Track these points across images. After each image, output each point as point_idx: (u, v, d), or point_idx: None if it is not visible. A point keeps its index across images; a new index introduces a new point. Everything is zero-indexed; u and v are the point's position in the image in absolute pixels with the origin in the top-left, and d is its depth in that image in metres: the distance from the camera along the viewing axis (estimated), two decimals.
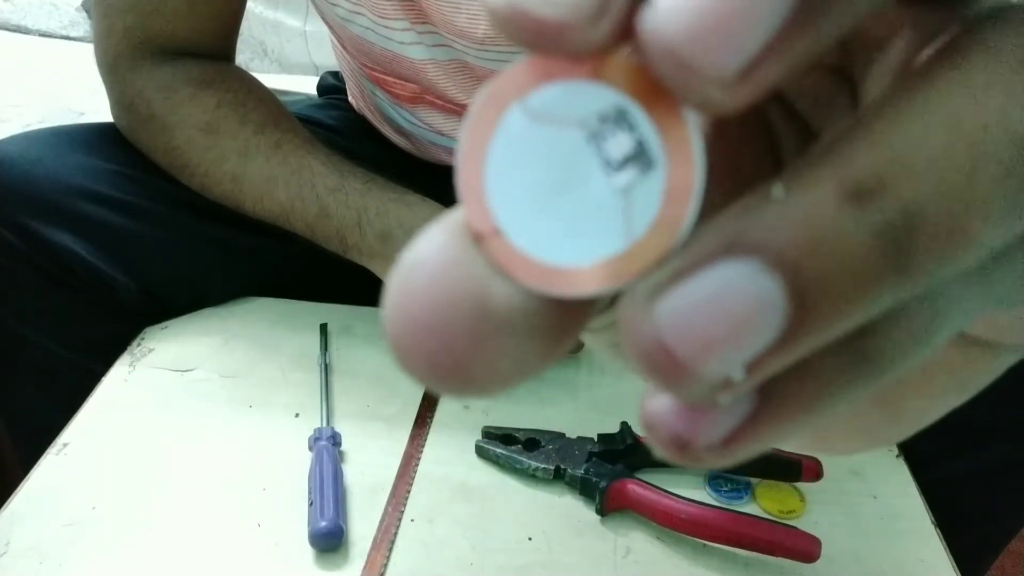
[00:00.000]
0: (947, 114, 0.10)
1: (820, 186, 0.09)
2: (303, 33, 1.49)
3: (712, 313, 0.09)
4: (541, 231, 0.10)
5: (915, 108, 0.10)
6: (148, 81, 0.60)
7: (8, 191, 0.56)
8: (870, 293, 0.09)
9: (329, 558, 0.44)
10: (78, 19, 1.53)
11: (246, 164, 0.58)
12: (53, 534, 0.45)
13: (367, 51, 0.66)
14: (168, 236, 0.61)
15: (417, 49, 0.63)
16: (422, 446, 0.53)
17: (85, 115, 1.20)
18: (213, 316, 0.63)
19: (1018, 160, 0.10)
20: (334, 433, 0.51)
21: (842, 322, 0.09)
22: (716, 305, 0.09)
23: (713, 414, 0.10)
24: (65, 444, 0.51)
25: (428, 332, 0.10)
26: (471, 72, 0.63)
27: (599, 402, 0.57)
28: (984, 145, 0.09)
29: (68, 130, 0.63)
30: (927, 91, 0.10)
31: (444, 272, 0.10)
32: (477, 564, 0.45)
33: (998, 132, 0.09)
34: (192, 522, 0.46)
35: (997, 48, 0.10)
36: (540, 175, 0.10)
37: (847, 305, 0.09)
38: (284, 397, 0.56)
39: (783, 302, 0.09)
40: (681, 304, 0.09)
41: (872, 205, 0.09)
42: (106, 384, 0.57)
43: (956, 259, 0.10)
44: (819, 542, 0.43)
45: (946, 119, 0.09)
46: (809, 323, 0.09)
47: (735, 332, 0.09)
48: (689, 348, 0.09)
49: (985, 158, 0.09)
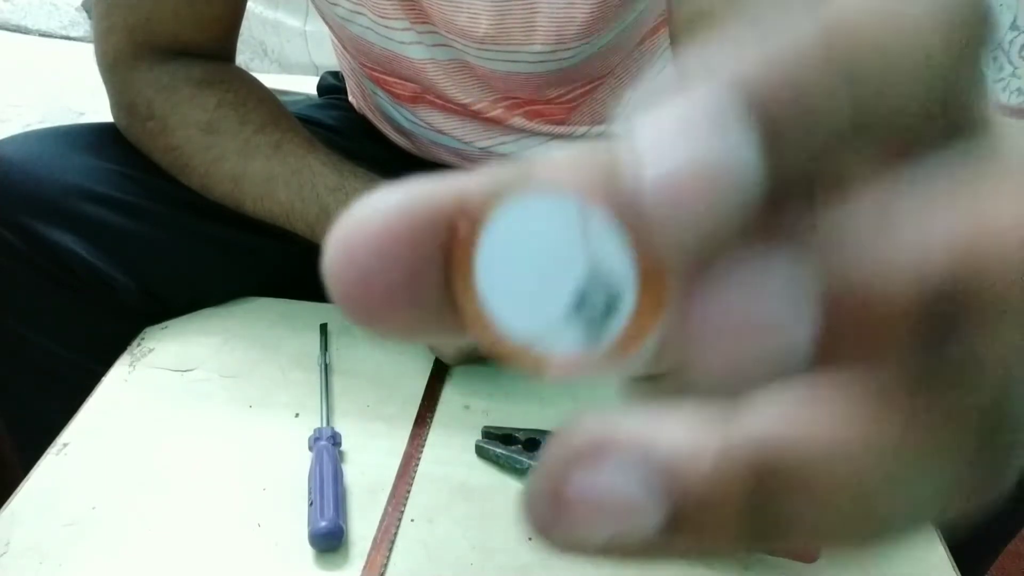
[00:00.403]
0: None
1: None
2: (303, 33, 1.49)
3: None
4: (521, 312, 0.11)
5: None
6: (148, 81, 0.60)
7: (8, 191, 0.56)
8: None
9: (329, 558, 0.44)
10: (78, 19, 1.53)
11: (246, 164, 0.58)
12: (53, 534, 0.45)
13: (367, 51, 0.66)
14: (168, 236, 0.61)
15: (417, 49, 0.63)
16: (422, 446, 0.53)
17: (85, 115, 1.20)
18: (213, 316, 0.63)
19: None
20: (334, 433, 0.51)
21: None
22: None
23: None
24: (65, 444, 0.51)
25: (356, 270, 0.11)
26: (471, 71, 0.63)
27: (599, 402, 0.57)
28: None
29: (68, 130, 0.63)
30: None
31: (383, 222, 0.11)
32: (477, 564, 0.45)
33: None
34: (192, 522, 0.46)
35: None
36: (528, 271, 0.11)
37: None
38: (284, 397, 0.56)
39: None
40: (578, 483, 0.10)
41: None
42: (106, 384, 0.57)
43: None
44: None
45: None
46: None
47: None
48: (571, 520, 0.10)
49: None
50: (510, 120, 0.68)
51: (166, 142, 0.60)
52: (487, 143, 0.70)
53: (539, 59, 0.60)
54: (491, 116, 0.68)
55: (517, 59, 0.61)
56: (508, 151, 0.71)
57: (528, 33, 0.59)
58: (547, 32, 0.58)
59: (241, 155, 0.58)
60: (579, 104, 0.68)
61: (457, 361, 0.57)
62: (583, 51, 0.60)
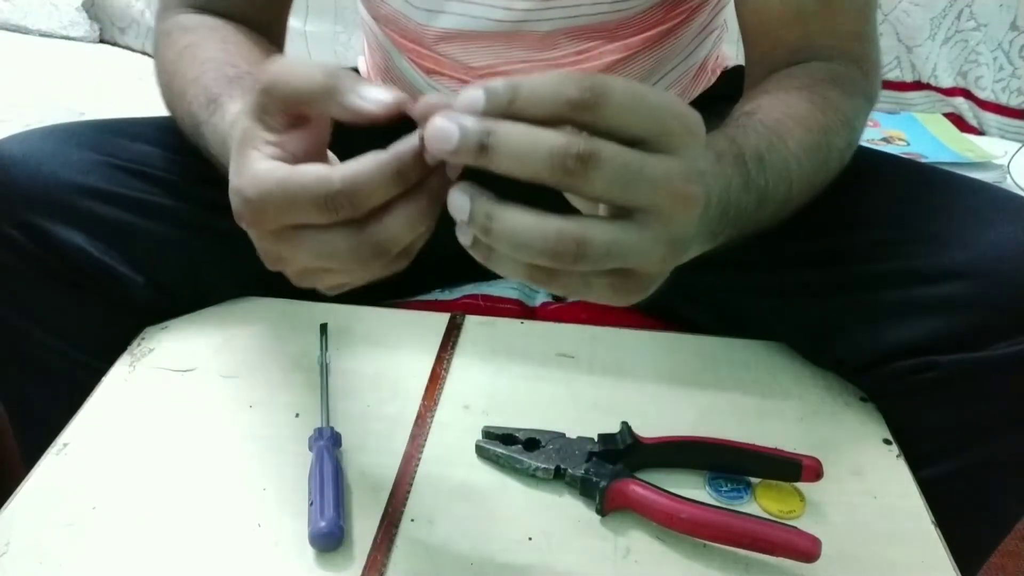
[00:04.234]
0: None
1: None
2: (303, 33, 1.49)
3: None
4: None
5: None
6: (172, 22, 0.62)
7: (13, 188, 0.56)
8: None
9: (329, 558, 0.44)
10: (78, 19, 1.53)
11: (178, 63, 0.58)
12: (53, 534, 0.45)
13: (399, 23, 0.68)
14: (174, 231, 0.61)
15: (446, 18, 0.64)
16: (422, 446, 0.53)
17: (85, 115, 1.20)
18: (213, 316, 0.63)
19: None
20: (334, 433, 0.51)
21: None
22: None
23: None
24: (65, 444, 0.51)
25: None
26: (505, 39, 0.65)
27: (599, 402, 0.57)
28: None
29: (72, 127, 0.63)
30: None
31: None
32: (477, 564, 0.45)
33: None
34: (192, 522, 0.46)
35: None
36: None
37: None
38: (284, 397, 0.56)
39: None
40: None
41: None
42: (106, 384, 0.57)
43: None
44: (819, 542, 0.43)
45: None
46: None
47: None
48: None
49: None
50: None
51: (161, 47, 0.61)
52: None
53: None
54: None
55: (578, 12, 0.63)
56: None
57: None
58: None
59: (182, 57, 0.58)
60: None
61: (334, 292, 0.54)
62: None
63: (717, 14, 0.74)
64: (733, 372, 0.60)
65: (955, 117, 1.37)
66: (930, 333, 0.52)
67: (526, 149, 0.30)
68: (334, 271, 0.37)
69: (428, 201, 0.34)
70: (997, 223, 0.53)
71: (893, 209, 0.57)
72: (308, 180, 0.34)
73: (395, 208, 0.34)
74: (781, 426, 0.55)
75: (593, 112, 0.30)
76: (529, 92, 0.30)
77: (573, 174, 0.30)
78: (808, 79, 0.55)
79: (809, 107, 0.52)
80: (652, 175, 0.31)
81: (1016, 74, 1.32)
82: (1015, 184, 1.17)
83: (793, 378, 0.60)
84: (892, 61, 1.39)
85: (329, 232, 0.35)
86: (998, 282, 0.51)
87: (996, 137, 1.35)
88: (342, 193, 0.33)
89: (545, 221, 0.31)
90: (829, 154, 0.53)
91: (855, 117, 0.55)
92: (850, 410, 0.57)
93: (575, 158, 0.30)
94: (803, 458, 0.49)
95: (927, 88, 1.39)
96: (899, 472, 0.52)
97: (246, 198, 0.35)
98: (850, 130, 0.55)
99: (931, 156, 1.20)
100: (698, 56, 0.74)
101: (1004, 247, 0.52)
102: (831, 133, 0.52)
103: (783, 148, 0.49)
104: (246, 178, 0.36)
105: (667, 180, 0.32)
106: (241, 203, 0.36)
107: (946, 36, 1.34)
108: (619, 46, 0.66)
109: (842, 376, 0.59)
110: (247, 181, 0.35)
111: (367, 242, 0.34)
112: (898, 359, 0.54)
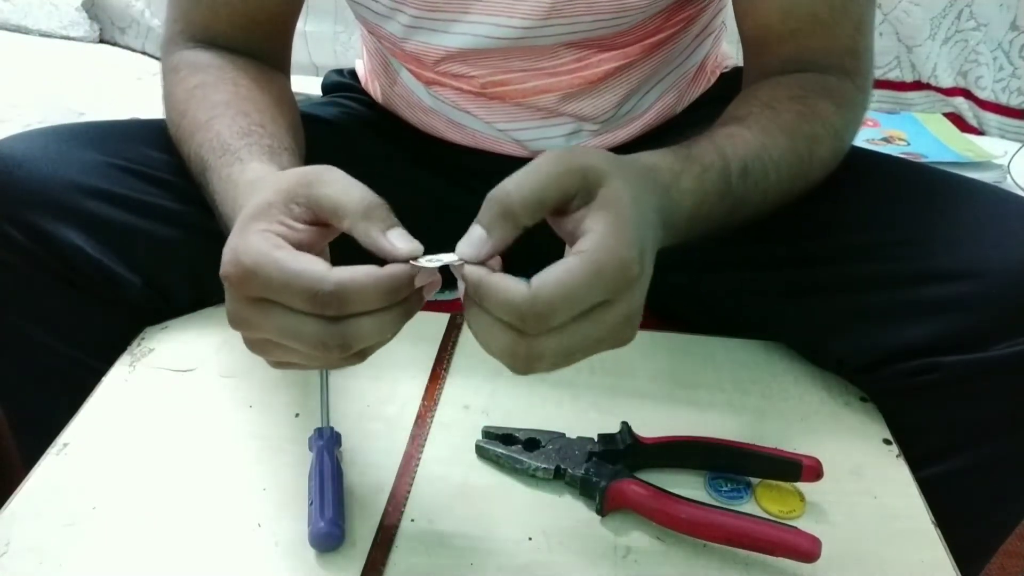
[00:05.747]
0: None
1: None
2: (303, 33, 1.49)
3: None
4: None
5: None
6: (179, 58, 0.62)
7: (13, 187, 0.56)
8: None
9: (329, 558, 0.45)
10: (78, 19, 1.53)
11: (188, 105, 0.58)
12: (53, 534, 0.45)
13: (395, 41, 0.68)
14: (174, 232, 0.61)
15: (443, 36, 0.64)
16: (422, 446, 0.53)
17: (85, 115, 1.20)
18: (213, 316, 0.63)
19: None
20: (334, 433, 0.51)
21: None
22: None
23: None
24: (65, 444, 0.51)
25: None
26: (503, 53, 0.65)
27: (599, 402, 0.57)
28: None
29: (73, 127, 0.63)
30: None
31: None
32: (477, 564, 0.45)
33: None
34: (192, 522, 0.46)
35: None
36: None
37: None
38: (284, 397, 0.56)
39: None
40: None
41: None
42: (106, 384, 0.57)
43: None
44: (819, 542, 0.43)
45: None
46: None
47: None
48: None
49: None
50: (533, 100, 0.69)
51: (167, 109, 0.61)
52: (506, 125, 0.71)
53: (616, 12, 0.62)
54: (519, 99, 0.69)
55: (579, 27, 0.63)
56: (526, 137, 0.72)
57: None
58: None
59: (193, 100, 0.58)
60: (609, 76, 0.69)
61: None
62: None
63: (716, 16, 0.74)
64: (733, 372, 0.60)
65: (955, 117, 1.37)
66: (931, 334, 0.52)
67: (485, 339, 0.37)
68: (292, 351, 0.39)
69: (402, 314, 0.38)
70: (997, 224, 0.53)
71: (892, 210, 0.57)
72: (304, 272, 0.36)
73: (373, 314, 0.37)
74: (781, 426, 0.55)
75: (536, 325, 0.35)
76: (488, 299, 0.36)
77: (524, 364, 0.37)
78: (800, 89, 0.56)
79: (797, 118, 0.54)
80: (596, 337, 0.37)
81: (1016, 74, 1.32)
82: (1015, 184, 1.17)
83: (793, 378, 0.60)
84: (892, 61, 1.39)
85: (302, 316, 0.37)
86: (999, 283, 0.51)
87: (996, 137, 1.35)
88: (332, 295, 0.35)
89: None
90: (811, 164, 0.54)
91: (844, 128, 0.57)
92: (850, 410, 0.57)
93: (522, 359, 0.37)
94: (803, 458, 0.49)
95: (927, 88, 1.39)
96: (899, 472, 0.52)
97: (240, 261, 0.37)
98: (837, 141, 0.56)
99: (931, 156, 1.20)
100: (696, 58, 0.74)
101: (1005, 248, 0.52)
102: (816, 143, 0.54)
103: (767, 158, 0.51)
104: (249, 244, 0.37)
105: (609, 329, 0.37)
106: (233, 262, 0.37)
107: (946, 36, 1.34)
108: (618, 54, 0.67)
109: (842, 376, 0.59)
110: (249, 247, 0.37)
111: (336, 335, 0.37)
112: (899, 360, 0.54)
